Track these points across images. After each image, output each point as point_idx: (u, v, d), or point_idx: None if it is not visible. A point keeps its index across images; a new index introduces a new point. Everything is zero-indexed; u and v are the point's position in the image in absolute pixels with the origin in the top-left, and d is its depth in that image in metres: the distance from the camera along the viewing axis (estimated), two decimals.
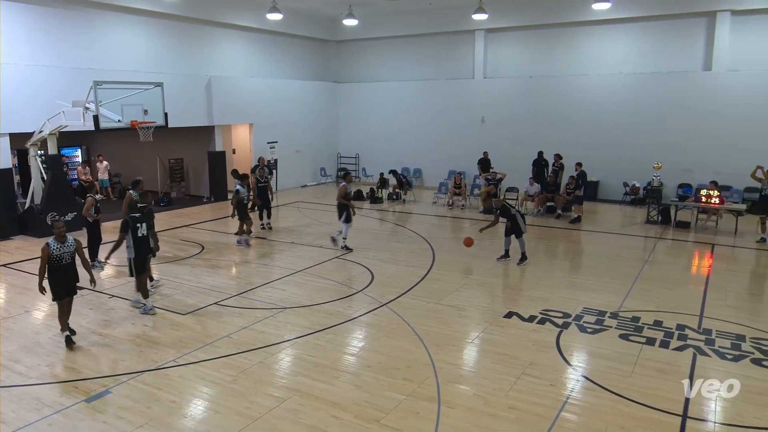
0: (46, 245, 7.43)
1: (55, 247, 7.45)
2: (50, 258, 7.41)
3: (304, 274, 11.00)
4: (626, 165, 18.95)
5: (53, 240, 7.49)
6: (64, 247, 7.53)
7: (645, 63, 18.89)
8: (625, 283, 10.40)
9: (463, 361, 7.33)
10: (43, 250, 7.43)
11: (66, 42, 15.54)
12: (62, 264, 7.54)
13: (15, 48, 14.40)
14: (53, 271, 7.51)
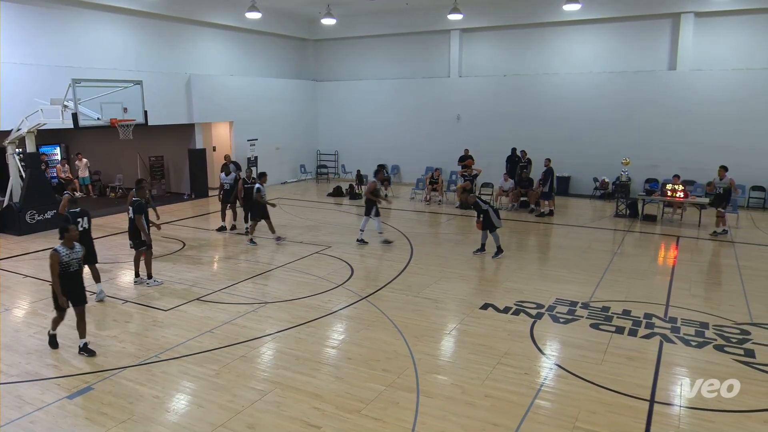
0: (54, 251, 6.87)
1: (65, 253, 6.93)
2: (59, 265, 6.88)
3: (285, 269, 10.94)
4: (596, 161, 19.24)
5: (62, 246, 6.96)
6: (73, 253, 7.04)
7: (614, 62, 19.16)
8: (595, 274, 10.56)
9: (441, 352, 7.38)
10: (52, 257, 6.87)
11: (44, 39, 15.18)
12: (69, 271, 6.99)
13: None
14: (60, 278, 6.94)
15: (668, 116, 18.23)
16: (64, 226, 7.10)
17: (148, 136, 18.88)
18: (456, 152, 20.83)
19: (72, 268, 7.00)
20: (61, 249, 6.94)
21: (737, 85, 17.36)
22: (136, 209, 9.62)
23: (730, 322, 8.21)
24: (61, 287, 6.94)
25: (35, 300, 9.28)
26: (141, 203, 9.70)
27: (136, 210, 9.62)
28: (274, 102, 22.38)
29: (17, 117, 13.40)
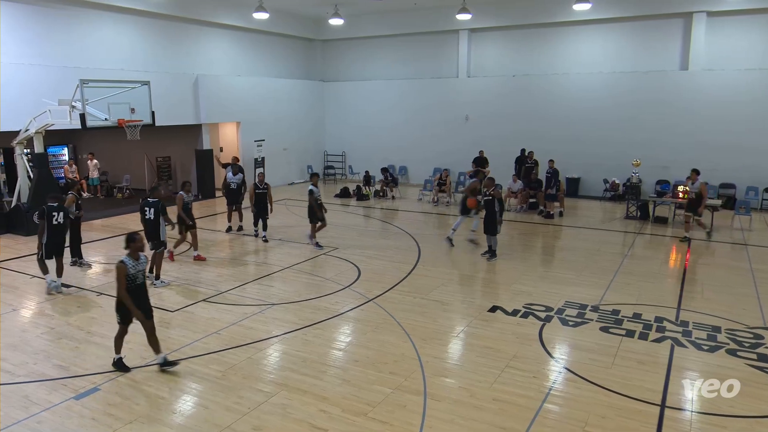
0: (121, 263, 6.48)
1: (131, 264, 6.55)
2: (126, 277, 6.51)
3: (291, 270, 10.96)
4: (606, 162, 19.14)
5: (128, 257, 6.56)
6: (139, 265, 6.65)
7: (624, 62, 19.07)
8: (605, 277, 10.50)
9: (449, 355, 7.36)
10: (119, 269, 6.47)
11: (53, 40, 15.30)
12: (136, 284, 6.60)
13: (1, 46, 14.13)
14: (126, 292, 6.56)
15: (680, 117, 18.11)
16: (130, 236, 6.70)
17: (155, 137, 18.98)
18: (464, 153, 20.80)
19: (138, 280, 6.63)
20: (127, 260, 6.54)
21: (750, 85, 17.22)
22: (162, 210, 9.98)
23: (743, 326, 8.13)
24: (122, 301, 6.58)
25: (42, 300, 9.35)
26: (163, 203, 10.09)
27: (162, 211, 9.99)
28: (281, 102, 22.45)
29: (25, 117, 13.51)
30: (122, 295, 6.48)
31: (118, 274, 6.47)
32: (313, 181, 12.57)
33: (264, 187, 12.97)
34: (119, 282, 6.47)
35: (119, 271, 6.47)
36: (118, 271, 6.47)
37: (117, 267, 6.48)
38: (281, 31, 22.39)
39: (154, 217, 10.01)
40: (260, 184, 13.01)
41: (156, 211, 9.99)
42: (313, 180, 12.60)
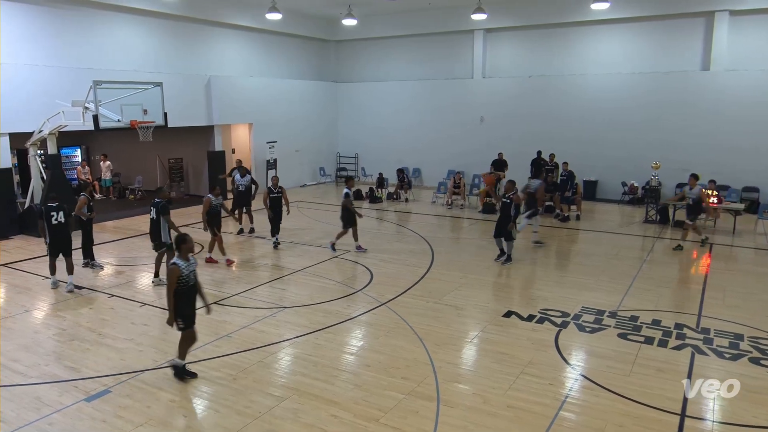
0: (174, 265, 6.35)
1: (184, 266, 6.41)
2: (179, 280, 6.38)
3: (303, 273, 10.99)
4: (625, 164, 18.97)
5: (179, 258, 6.44)
6: (190, 266, 6.52)
7: (643, 63, 18.90)
8: (623, 282, 10.40)
9: (462, 360, 7.33)
10: (172, 271, 6.33)
11: (66, 42, 15.52)
12: (189, 286, 6.48)
13: (14, 48, 14.39)
14: (179, 295, 6.44)
15: (701, 118, 17.90)
16: (181, 237, 6.58)
17: (167, 138, 19.16)
18: (479, 155, 20.77)
19: (191, 281, 6.51)
20: (179, 262, 6.41)
21: None
22: (162, 210, 9.97)
23: (767, 333, 8.00)
24: (178, 304, 6.43)
25: (55, 301, 9.47)
26: (165, 204, 10.09)
27: (162, 211, 9.97)
28: (293, 104, 22.56)
29: (39, 119, 13.71)
30: (169, 297, 6.39)
31: (171, 276, 6.37)
32: (349, 184, 12.53)
33: (279, 191, 12.82)
34: (170, 284, 6.38)
35: (172, 273, 6.36)
36: (170, 273, 6.37)
37: (170, 269, 6.39)
38: (294, 32, 22.52)
39: (156, 217, 10.11)
40: (274, 188, 12.84)
41: (157, 212, 10.07)
42: (348, 183, 12.56)
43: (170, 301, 6.40)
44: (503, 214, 11.45)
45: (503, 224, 11.40)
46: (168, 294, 6.41)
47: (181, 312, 6.49)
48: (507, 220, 11.30)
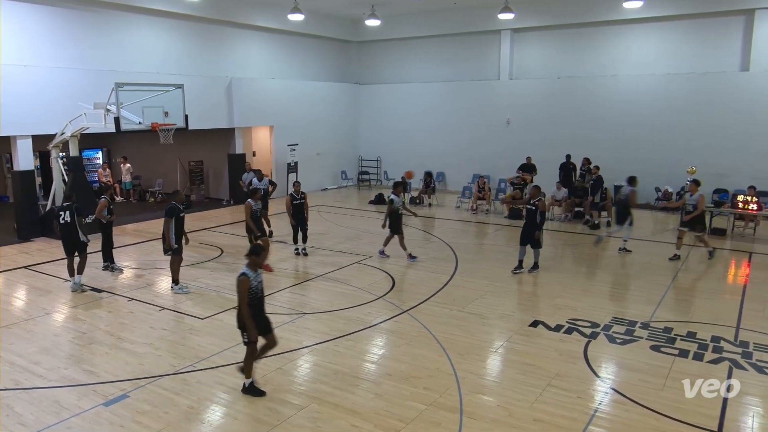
0: (244, 276, 6.21)
1: (253, 276, 6.31)
2: (248, 291, 6.26)
3: (324, 279, 11.04)
4: (658, 169, 18.65)
5: (248, 268, 6.32)
6: (259, 277, 6.41)
7: (679, 63, 18.59)
8: (656, 292, 10.22)
9: (487, 371, 7.28)
10: (242, 282, 6.20)
11: (88, 44, 15.89)
12: (258, 296, 6.38)
13: (38, 50, 14.78)
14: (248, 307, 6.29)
15: (739, 121, 17.52)
16: (257, 247, 6.50)
17: (188, 141, 19.47)
18: (505, 159, 20.64)
19: (259, 293, 6.40)
20: (249, 272, 6.29)
21: None
22: (167, 212, 9.99)
23: None
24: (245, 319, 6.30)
25: (75, 305, 9.67)
26: (173, 207, 10.02)
27: (166, 213, 9.99)
28: (315, 106, 22.72)
29: (61, 121, 14.05)
30: (244, 311, 6.24)
31: (241, 288, 6.20)
32: (396, 191, 12.45)
33: (301, 197, 12.63)
34: (241, 296, 6.21)
35: (242, 285, 6.20)
36: (240, 285, 6.21)
37: (239, 280, 6.22)
38: (316, 33, 22.70)
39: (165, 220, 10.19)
40: (297, 195, 12.59)
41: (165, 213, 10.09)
42: (396, 190, 12.47)
43: (246, 313, 6.24)
44: (529, 221, 11.32)
45: (530, 231, 11.26)
46: (241, 306, 6.25)
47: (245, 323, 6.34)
48: (533, 227, 11.17)
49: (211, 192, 21.50)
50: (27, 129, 14.34)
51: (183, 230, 10.36)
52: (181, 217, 10.23)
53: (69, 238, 10.30)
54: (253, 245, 6.68)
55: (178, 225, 10.10)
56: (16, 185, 14.93)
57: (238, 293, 6.28)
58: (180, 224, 10.19)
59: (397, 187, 12.59)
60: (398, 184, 12.74)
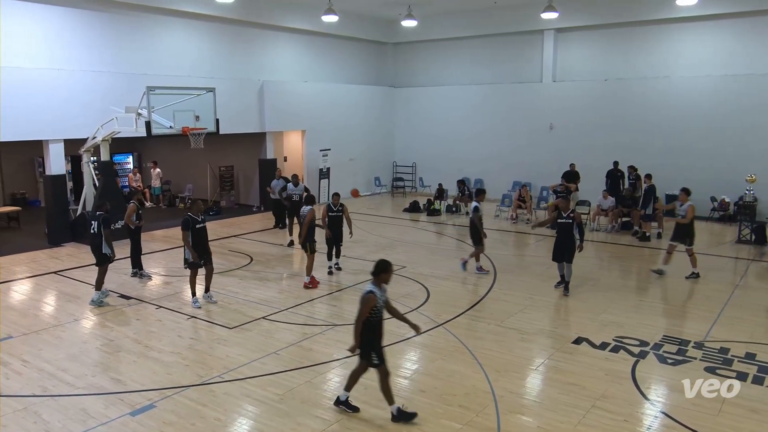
0: (371, 294, 6.10)
1: (380, 295, 6.18)
2: (372, 309, 6.14)
3: (355, 289, 11.07)
4: (714, 177, 18.13)
5: (375, 286, 6.19)
6: (384, 296, 6.27)
7: (737, 64, 18.07)
8: (712, 309, 9.92)
9: (526, 390, 7.17)
10: (369, 300, 6.08)
11: (120, 47, 16.37)
12: (378, 317, 6.22)
13: (70, 53, 15.28)
14: (370, 328, 6.19)
15: None
16: (384, 264, 6.28)
17: (218, 146, 19.84)
18: (548, 165, 20.39)
19: (380, 313, 6.26)
20: (376, 290, 6.17)
21: None
22: (182, 225, 9.86)
23: None
24: (365, 336, 6.19)
25: (103, 311, 9.93)
26: (186, 219, 9.86)
27: (181, 225, 9.87)
28: (348, 110, 22.89)
29: (93, 125, 14.49)
30: (358, 326, 6.14)
31: (366, 305, 6.10)
32: (479, 198, 12.35)
33: (339, 209, 12.09)
34: (362, 313, 6.13)
35: (368, 302, 6.09)
36: (367, 302, 6.09)
37: (367, 297, 6.10)
38: (351, 35, 22.89)
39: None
40: (335, 206, 12.08)
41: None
42: (479, 197, 12.38)
43: (358, 329, 6.15)
44: (565, 235, 10.76)
45: (565, 246, 10.74)
46: (357, 321, 6.15)
47: (374, 346, 6.24)
48: (569, 241, 10.71)
49: (241, 198, 21.84)
50: (59, 133, 14.84)
51: (207, 240, 10.16)
52: (198, 229, 9.91)
53: (93, 249, 10.33)
54: (382, 261, 6.33)
55: (198, 237, 9.90)
56: (47, 190, 15.43)
57: (359, 310, 6.14)
58: (198, 236, 9.91)
59: (480, 194, 12.47)
60: (480, 191, 12.67)
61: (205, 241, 10.11)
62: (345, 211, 12.19)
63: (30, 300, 10.77)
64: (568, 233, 10.74)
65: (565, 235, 10.75)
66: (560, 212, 10.84)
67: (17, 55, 14.18)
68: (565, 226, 10.77)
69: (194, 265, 9.97)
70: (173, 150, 21.95)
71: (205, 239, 10.15)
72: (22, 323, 9.33)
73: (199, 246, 9.94)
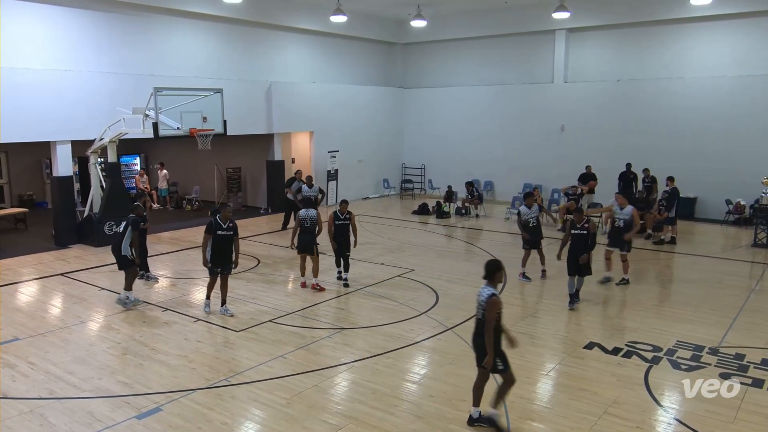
0: (496, 297, 6.01)
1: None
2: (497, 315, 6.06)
3: (363, 293, 11.07)
4: (729, 179, 18.01)
5: (492, 287, 6.14)
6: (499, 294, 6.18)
7: (753, 64, 17.95)
8: (727, 314, 9.86)
9: (537, 396, 7.15)
10: (496, 303, 5.98)
11: (127, 48, 16.47)
12: (499, 321, 6.12)
13: (77, 54, 15.38)
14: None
15: None
16: (497, 263, 6.26)
17: (225, 147, 19.92)
18: (559, 168, 20.35)
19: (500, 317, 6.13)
20: (496, 291, 6.12)
21: None
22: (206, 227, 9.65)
23: None
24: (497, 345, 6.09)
25: (110, 313, 9.99)
26: (209, 223, 9.64)
27: (206, 228, 9.64)
28: (357, 111, 22.92)
29: (101, 126, 14.60)
30: (489, 334, 5.98)
31: (493, 310, 5.95)
32: (528, 202, 12.17)
33: (346, 217, 11.46)
34: (491, 319, 5.96)
35: (496, 306, 5.97)
36: (494, 306, 5.95)
37: (493, 301, 5.95)
38: (359, 35, 22.93)
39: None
40: (342, 214, 11.45)
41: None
42: (527, 201, 12.20)
43: (490, 338, 5.98)
44: (579, 247, 10.24)
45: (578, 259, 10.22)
46: (487, 329, 5.98)
47: (497, 351, 6.09)
48: (583, 253, 10.20)
49: (249, 200, 21.90)
50: (66, 134, 14.94)
51: (229, 248, 9.72)
52: (220, 235, 9.55)
53: (115, 249, 10.19)
54: (494, 261, 6.29)
55: (219, 243, 9.57)
56: (54, 191, 15.53)
57: (487, 316, 5.96)
58: (219, 242, 9.57)
59: (528, 198, 12.12)
60: (528, 195, 12.50)
61: (226, 248, 9.64)
62: (352, 219, 11.57)
63: (37, 302, 10.86)
64: (582, 245, 10.28)
65: (580, 247, 10.28)
66: (574, 224, 10.40)
67: (24, 56, 14.29)
68: (579, 238, 10.31)
69: (210, 270, 9.75)
70: (180, 151, 22.05)
71: (227, 247, 9.67)
72: (29, 325, 9.41)
73: (217, 253, 9.57)
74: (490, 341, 5.99)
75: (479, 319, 6.15)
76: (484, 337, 6.01)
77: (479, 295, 6.14)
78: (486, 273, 6.20)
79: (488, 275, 6.19)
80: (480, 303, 6.10)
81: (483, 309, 6.03)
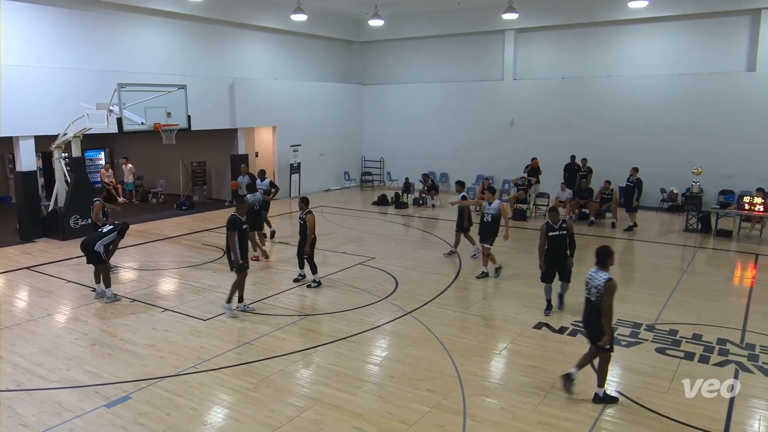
0: (613, 281, 6.14)
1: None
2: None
3: (326, 280, 11.03)
4: (664, 170, 18.60)
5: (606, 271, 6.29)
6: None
7: (684, 63, 18.54)
8: (662, 294, 10.20)
9: (491, 373, 7.27)
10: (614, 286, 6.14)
11: (91, 44, 15.91)
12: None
13: (40, 50, 14.79)
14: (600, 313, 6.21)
15: (746, 122, 17.45)
16: (609, 249, 6.36)
17: (190, 142, 19.49)
18: (509, 160, 20.64)
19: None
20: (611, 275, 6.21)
21: None
22: (228, 225, 8.99)
23: None
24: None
25: (77, 305, 9.69)
26: (233, 218, 8.97)
27: (227, 225, 9.00)
28: (318, 106, 22.74)
29: (64, 121, 14.08)
30: (608, 317, 6.09)
31: (611, 293, 6.09)
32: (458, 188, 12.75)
33: (302, 219, 10.50)
34: (609, 303, 6.08)
35: (614, 289, 6.12)
36: (612, 290, 6.10)
37: (611, 285, 6.10)
38: (319, 33, 22.71)
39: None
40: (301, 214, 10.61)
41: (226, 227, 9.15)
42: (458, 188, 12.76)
43: (609, 320, 6.11)
44: (558, 251, 9.13)
45: (561, 263, 9.21)
46: (608, 312, 6.10)
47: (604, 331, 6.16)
48: (563, 257, 9.23)
49: (213, 193, 21.53)
50: (29, 130, 14.36)
51: (247, 245, 9.26)
52: (244, 230, 9.09)
53: (87, 245, 9.70)
54: (606, 247, 6.43)
55: (243, 239, 9.10)
56: (18, 186, 14.95)
57: (605, 300, 6.07)
58: (243, 237, 9.12)
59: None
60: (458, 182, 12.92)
61: (246, 244, 9.26)
62: (308, 221, 10.34)
63: (2, 295, 10.43)
64: (561, 248, 9.15)
65: (558, 250, 9.13)
66: (551, 226, 9.11)
67: None
68: (557, 240, 9.11)
69: (243, 268, 9.10)
70: (145, 146, 21.49)
71: (247, 242, 9.30)
72: None
73: (244, 249, 9.13)
74: (609, 323, 6.11)
75: (593, 302, 6.28)
76: (602, 318, 6.12)
77: (592, 279, 6.33)
78: (598, 259, 6.38)
79: (600, 261, 6.35)
80: (597, 287, 6.22)
81: (599, 293, 6.17)
